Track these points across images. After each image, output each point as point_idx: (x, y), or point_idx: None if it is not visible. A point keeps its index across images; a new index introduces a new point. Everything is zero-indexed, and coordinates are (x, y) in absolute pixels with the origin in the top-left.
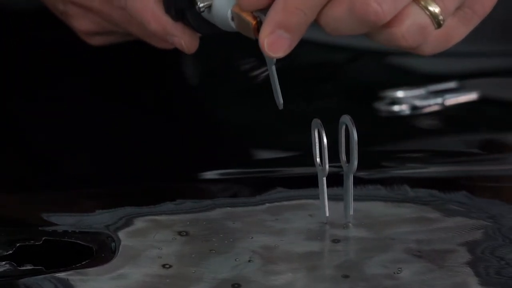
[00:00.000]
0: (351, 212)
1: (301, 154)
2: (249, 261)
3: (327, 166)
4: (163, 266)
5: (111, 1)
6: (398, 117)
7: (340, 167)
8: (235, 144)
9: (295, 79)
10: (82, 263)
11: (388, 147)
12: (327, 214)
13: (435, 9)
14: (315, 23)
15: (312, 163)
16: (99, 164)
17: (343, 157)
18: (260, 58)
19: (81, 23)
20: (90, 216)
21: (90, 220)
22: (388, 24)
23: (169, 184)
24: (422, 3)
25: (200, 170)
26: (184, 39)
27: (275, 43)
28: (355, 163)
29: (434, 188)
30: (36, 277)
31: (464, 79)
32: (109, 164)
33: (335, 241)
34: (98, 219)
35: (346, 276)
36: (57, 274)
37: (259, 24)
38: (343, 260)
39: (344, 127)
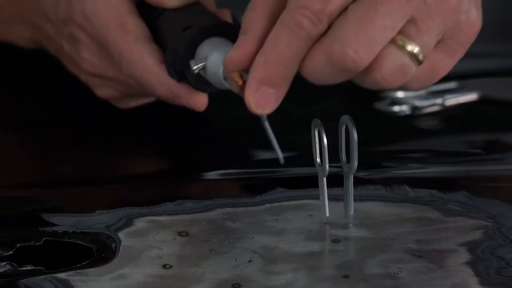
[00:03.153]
0: (351, 212)
1: (301, 154)
2: (249, 261)
3: (327, 166)
4: (164, 266)
5: (121, 69)
6: (398, 117)
7: (340, 167)
8: (235, 144)
9: (295, 79)
10: (83, 263)
11: (388, 147)
12: (327, 214)
13: (413, 48)
14: None
15: (312, 163)
16: (99, 164)
17: (343, 157)
18: None
19: (103, 91)
20: (90, 217)
21: (90, 221)
22: (367, 68)
23: (169, 184)
24: (400, 42)
25: (200, 170)
26: (192, 99)
27: (261, 100)
28: (355, 163)
29: (434, 188)
30: (36, 277)
31: (464, 79)
32: (109, 165)
33: (335, 241)
34: (98, 220)
35: (346, 276)
36: (57, 275)
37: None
38: (343, 260)
39: (344, 127)
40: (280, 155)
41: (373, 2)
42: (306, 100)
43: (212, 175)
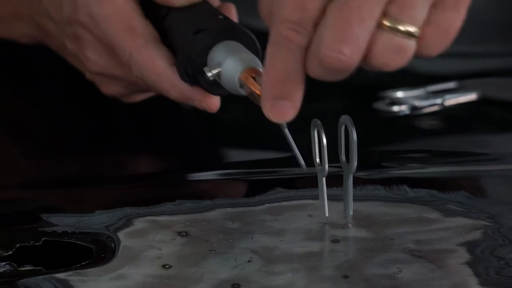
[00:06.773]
0: (351, 213)
1: (300, 154)
2: (249, 261)
3: (326, 166)
4: (163, 266)
5: (130, 71)
6: (398, 117)
7: (340, 167)
8: (235, 145)
9: None
10: (82, 263)
11: (388, 147)
12: (327, 215)
13: (402, 26)
14: None
15: (311, 163)
16: (99, 165)
17: (343, 157)
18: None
19: (109, 89)
20: (89, 217)
21: (89, 221)
22: (366, 58)
23: (168, 184)
24: (387, 24)
25: (200, 170)
26: (205, 101)
27: (279, 113)
28: (355, 163)
29: (434, 188)
30: (36, 277)
31: (464, 79)
32: (109, 165)
33: (335, 241)
34: (97, 220)
35: (345, 277)
36: (57, 275)
37: None
38: (343, 261)
39: (343, 127)
40: (302, 161)
41: None
42: (306, 100)
43: (211, 175)
